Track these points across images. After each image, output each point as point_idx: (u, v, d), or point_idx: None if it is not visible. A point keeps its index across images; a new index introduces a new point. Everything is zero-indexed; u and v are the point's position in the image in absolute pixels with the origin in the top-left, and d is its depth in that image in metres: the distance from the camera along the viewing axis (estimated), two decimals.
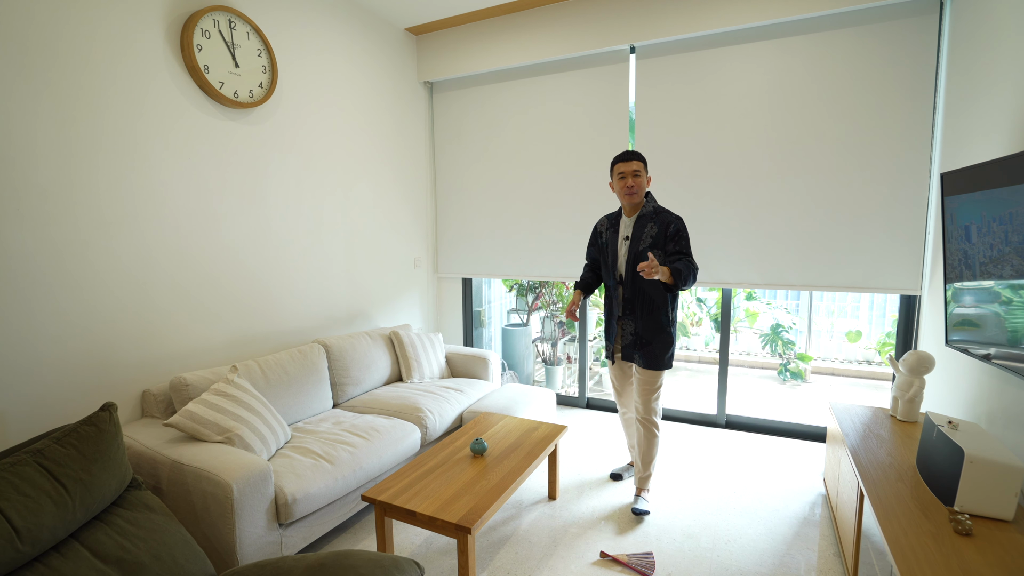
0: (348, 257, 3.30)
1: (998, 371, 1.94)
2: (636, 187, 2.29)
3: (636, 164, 2.29)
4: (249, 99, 2.57)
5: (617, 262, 2.39)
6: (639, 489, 2.49)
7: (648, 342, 2.32)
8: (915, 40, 2.63)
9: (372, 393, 2.93)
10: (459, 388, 3.05)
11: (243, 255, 2.63)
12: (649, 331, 2.31)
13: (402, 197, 3.76)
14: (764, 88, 2.95)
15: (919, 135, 2.67)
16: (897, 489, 1.65)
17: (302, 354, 2.67)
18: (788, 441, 3.15)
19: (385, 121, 3.55)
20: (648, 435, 2.42)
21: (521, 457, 2.14)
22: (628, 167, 2.29)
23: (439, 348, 3.40)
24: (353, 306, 3.36)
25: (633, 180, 2.29)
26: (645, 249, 2.27)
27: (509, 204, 3.78)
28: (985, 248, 1.81)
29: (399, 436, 2.43)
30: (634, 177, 2.28)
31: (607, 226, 2.48)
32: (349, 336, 3.02)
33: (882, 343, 4.40)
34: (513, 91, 3.65)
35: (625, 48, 3.24)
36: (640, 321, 2.32)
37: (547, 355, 4.52)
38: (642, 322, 2.32)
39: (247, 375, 2.35)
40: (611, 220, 2.48)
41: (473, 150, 3.86)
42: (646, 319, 2.31)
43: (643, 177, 2.31)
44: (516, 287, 4.85)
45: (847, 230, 2.85)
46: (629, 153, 2.31)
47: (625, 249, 2.36)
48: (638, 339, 2.34)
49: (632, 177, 2.29)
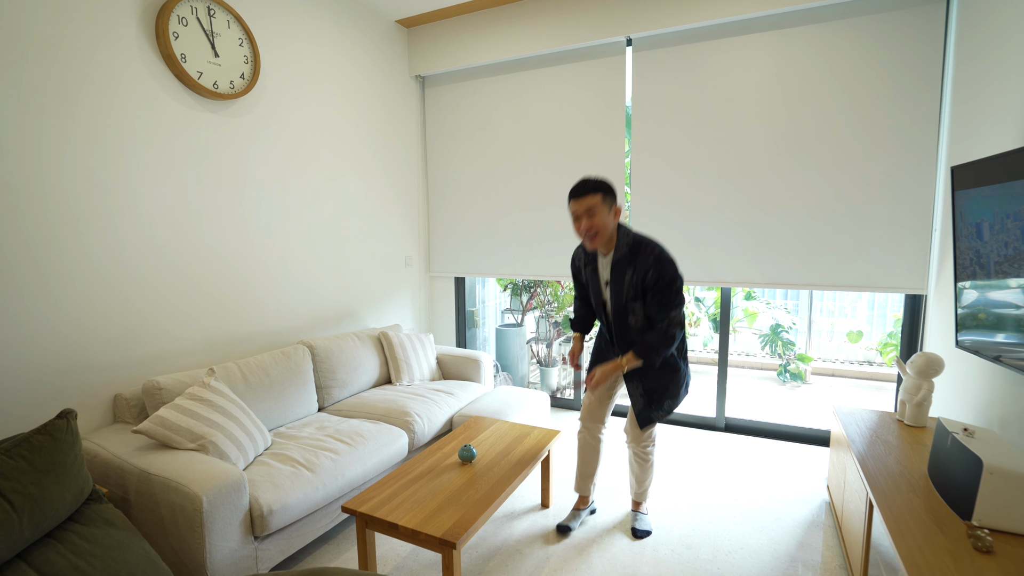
0: (336, 255, 3.19)
1: (1012, 374, 1.85)
2: (594, 228, 1.85)
3: (589, 200, 1.83)
4: (230, 90, 2.46)
5: (605, 307, 2.06)
6: (637, 504, 2.28)
7: (652, 389, 2.02)
8: (921, 30, 2.54)
9: (359, 396, 2.83)
10: (449, 391, 2.94)
11: (223, 252, 2.53)
12: (650, 378, 2.01)
13: (393, 194, 3.65)
14: (765, 81, 2.85)
15: (925, 128, 2.57)
16: (909, 500, 1.56)
17: (285, 356, 2.56)
18: (789, 445, 3.06)
19: (375, 115, 3.44)
20: (642, 463, 2.18)
21: (511, 465, 2.04)
22: (580, 205, 1.84)
23: (430, 349, 3.30)
24: (341, 306, 3.25)
25: (588, 221, 1.85)
26: (629, 302, 1.93)
27: (503, 201, 3.68)
28: (999, 246, 1.72)
29: (385, 442, 2.33)
30: (588, 218, 1.85)
31: (584, 261, 2.11)
32: (336, 337, 2.92)
33: (883, 343, 4.31)
34: (507, 85, 3.55)
35: (621, 40, 3.14)
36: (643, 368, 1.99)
37: (542, 356, 4.42)
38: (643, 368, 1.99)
39: (225, 378, 2.24)
40: (588, 255, 2.09)
41: (466, 145, 3.76)
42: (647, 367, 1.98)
43: (601, 215, 1.84)
44: (510, 286, 4.75)
45: (851, 227, 2.76)
46: (580, 186, 1.86)
47: (608, 295, 2.02)
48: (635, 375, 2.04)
49: (587, 218, 1.85)
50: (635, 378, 2.04)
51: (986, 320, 1.83)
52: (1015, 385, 1.84)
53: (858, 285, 2.81)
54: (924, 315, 2.73)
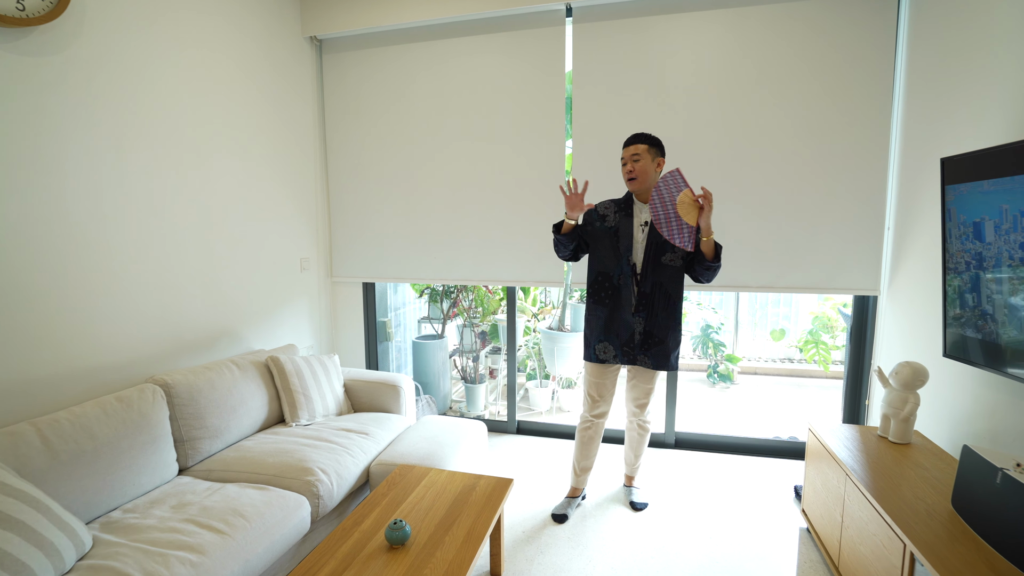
0: (207, 258, 2.42)
1: (1008, 383, 1.70)
2: (636, 172, 2.07)
3: (636, 148, 2.07)
4: (18, 12, 1.65)
5: (632, 250, 2.11)
6: (630, 479, 2.50)
7: (661, 340, 2.13)
8: (872, 20, 2.41)
9: (240, 447, 2.12)
10: (363, 429, 2.32)
11: (18, 254, 1.70)
12: (663, 328, 2.12)
13: (283, 181, 2.92)
14: (716, 65, 2.60)
15: (878, 123, 2.46)
16: (956, 551, 1.29)
17: (123, 403, 1.80)
18: (747, 460, 2.84)
19: (258, 82, 2.70)
20: (644, 434, 2.38)
21: (460, 543, 1.51)
22: (628, 152, 2.10)
23: (335, 375, 2.64)
24: (214, 324, 2.48)
25: (633, 165, 2.07)
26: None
27: (423, 193, 3.10)
28: (1011, 247, 1.53)
29: (277, 518, 1.68)
30: (633, 161, 2.07)
31: (615, 209, 2.17)
32: (206, 368, 2.18)
33: (803, 341, 4.39)
34: (426, 54, 2.98)
35: (561, 8, 2.73)
36: (655, 318, 2.11)
37: (468, 371, 3.91)
38: (657, 318, 2.11)
39: (11, 453, 1.46)
40: (619, 204, 2.18)
41: (377, 126, 3.13)
42: (661, 314, 2.11)
43: (645, 161, 2.06)
44: (428, 291, 4.17)
45: (804, 226, 2.59)
46: (633, 136, 2.11)
47: (644, 236, 2.10)
48: (648, 338, 2.13)
49: (631, 162, 2.07)
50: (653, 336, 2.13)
51: (983, 327, 1.66)
52: (1013, 396, 1.69)
53: (811, 287, 2.66)
54: (874, 317, 2.64)
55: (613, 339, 2.17)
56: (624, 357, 2.16)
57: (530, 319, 4.39)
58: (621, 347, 2.15)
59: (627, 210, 2.15)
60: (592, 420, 2.29)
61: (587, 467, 2.36)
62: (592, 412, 2.29)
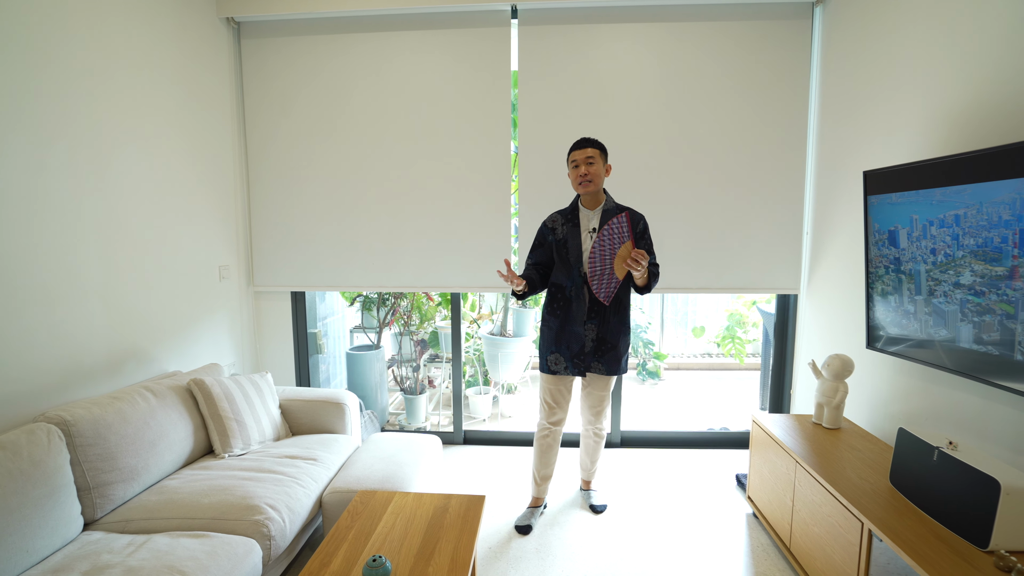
0: (105, 266, 2.06)
1: (921, 370, 1.93)
2: (590, 175, 2.07)
3: (590, 151, 2.07)
4: None
5: (582, 259, 2.12)
6: (588, 483, 2.52)
7: (613, 345, 2.17)
8: (789, 41, 2.65)
9: (164, 488, 1.82)
10: (310, 455, 2.11)
11: None
12: (615, 334, 2.17)
13: (198, 179, 2.58)
14: (654, 75, 2.71)
15: (795, 135, 2.71)
16: (907, 524, 1.43)
17: (8, 450, 1.46)
18: (688, 452, 2.99)
19: (164, 64, 2.36)
20: (599, 441, 2.41)
21: (446, 572, 1.41)
22: (581, 154, 2.08)
23: (269, 396, 2.38)
24: (118, 344, 2.12)
25: (587, 168, 2.07)
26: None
27: (358, 195, 2.91)
28: (924, 253, 1.74)
29: (224, 570, 1.45)
30: (587, 164, 2.07)
31: (562, 221, 2.18)
32: (113, 398, 1.85)
33: (722, 336, 4.74)
34: (363, 48, 2.80)
35: (506, 8, 2.69)
36: (607, 324, 2.15)
37: (407, 382, 3.73)
38: (609, 324, 2.15)
39: None
40: (566, 215, 2.19)
41: (304, 120, 2.88)
42: (613, 319, 2.16)
43: (598, 165, 2.08)
44: (360, 299, 3.93)
45: (736, 229, 2.79)
46: (584, 140, 2.10)
47: (591, 243, 2.10)
48: (601, 344, 2.16)
49: (585, 165, 2.07)
50: (606, 342, 2.17)
51: (900, 322, 1.87)
52: (923, 382, 1.93)
53: (744, 287, 2.86)
54: (794, 314, 2.90)
55: (563, 350, 2.17)
56: (575, 369, 2.17)
57: (470, 325, 4.30)
58: (572, 359, 2.16)
59: (574, 219, 2.16)
60: (550, 427, 2.29)
61: (547, 475, 2.34)
62: (549, 420, 2.28)
